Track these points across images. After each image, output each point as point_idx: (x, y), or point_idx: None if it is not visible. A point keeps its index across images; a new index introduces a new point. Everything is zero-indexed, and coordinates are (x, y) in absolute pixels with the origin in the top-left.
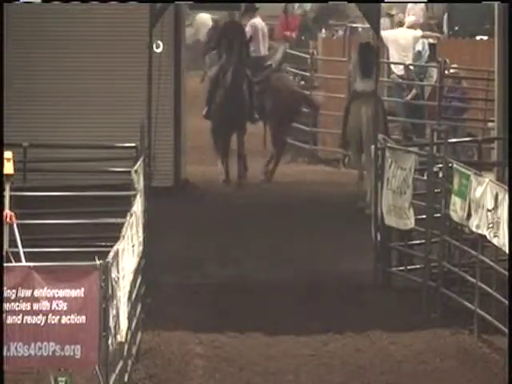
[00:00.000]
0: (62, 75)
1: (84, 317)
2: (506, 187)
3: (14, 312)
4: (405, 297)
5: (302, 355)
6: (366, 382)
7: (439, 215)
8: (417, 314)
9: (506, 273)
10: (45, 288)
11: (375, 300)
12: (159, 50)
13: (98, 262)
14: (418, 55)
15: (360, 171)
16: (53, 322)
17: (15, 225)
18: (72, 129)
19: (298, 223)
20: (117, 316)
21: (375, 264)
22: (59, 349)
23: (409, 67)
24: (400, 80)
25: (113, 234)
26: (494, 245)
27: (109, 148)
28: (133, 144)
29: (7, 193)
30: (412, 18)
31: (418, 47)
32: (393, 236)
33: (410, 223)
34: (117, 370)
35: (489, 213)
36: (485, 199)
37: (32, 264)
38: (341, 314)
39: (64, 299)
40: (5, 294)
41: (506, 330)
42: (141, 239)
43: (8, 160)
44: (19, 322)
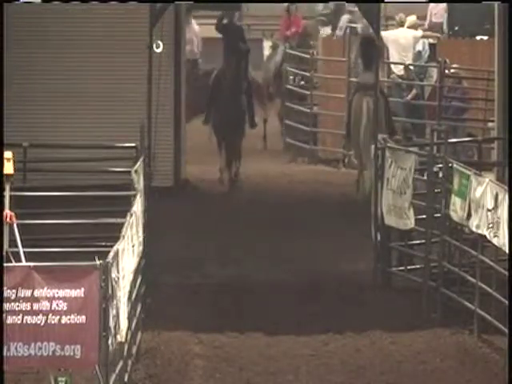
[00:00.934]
0: (62, 75)
1: (84, 317)
2: (506, 187)
3: (14, 312)
4: (405, 297)
5: (302, 355)
6: (366, 382)
7: (439, 215)
8: (417, 314)
9: (506, 273)
10: (45, 288)
11: (375, 300)
12: (159, 50)
13: (98, 262)
14: (418, 55)
15: (360, 164)
16: (53, 322)
17: (15, 225)
18: (72, 129)
19: (298, 223)
20: (117, 316)
21: (375, 264)
22: (59, 349)
23: (409, 67)
24: (400, 80)
25: (113, 234)
26: (494, 245)
27: (109, 148)
28: (133, 144)
29: (7, 193)
30: (413, 18)
31: (418, 47)
32: (393, 236)
33: (410, 223)
34: (117, 370)
35: (489, 213)
36: (485, 199)
37: (32, 264)
38: (341, 314)
39: (64, 299)
40: (5, 294)
41: (506, 330)
42: (141, 239)
43: (8, 160)
44: (19, 322)
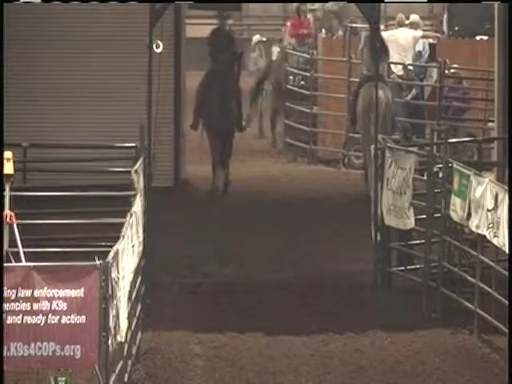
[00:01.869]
0: (62, 75)
1: (84, 317)
2: (506, 187)
3: (14, 312)
4: (405, 297)
5: (302, 355)
6: (366, 382)
7: (439, 215)
8: (417, 314)
9: (506, 273)
10: (45, 288)
11: (375, 300)
12: (159, 50)
13: (98, 262)
14: (418, 55)
15: (368, 155)
16: (53, 322)
17: (15, 225)
18: (72, 129)
19: (298, 223)
20: (117, 316)
21: (375, 264)
22: (59, 349)
23: (409, 67)
24: (400, 80)
25: (113, 234)
26: (494, 245)
27: (109, 148)
28: (133, 144)
29: (7, 193)
30: (416, 16)
31: (418, 47)
32: (393, 236)
33: (410, 223)
34: (117, 370)
35: (489, 213)
36: (485, 199)
37: (32, 264)
38: (341, 314)
39: (64, 299)
40: (5, 294)
41: (506, 330)
42: (141, 239)
43: (8, 160)
44: (19, 322)
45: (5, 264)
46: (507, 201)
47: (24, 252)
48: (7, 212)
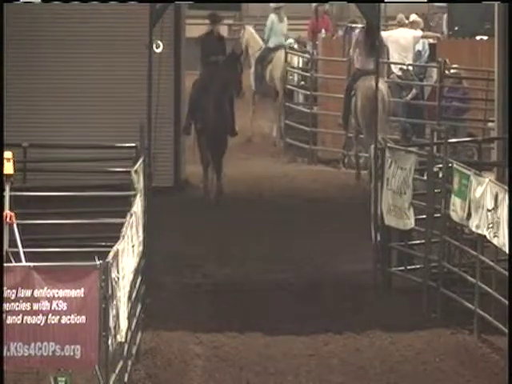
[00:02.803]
0: (62, 75)
1: (84, 317)
2: (506, 187)
3: (14, 312)
4: (405, 297)
5: (302, 355)
6: (366, 382)
7: (439, 215)
8: (417, 314)
9: (506, 273)
10: (45, 288)
11: (375, 300)
12: (159, 50)
13: (98, 262)
14: (418, 55)
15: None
16: (53, 322)
17: (15, 225)
18: (72, 129)
19: (298, 223)
20: (117, 316)
21: (375, 264)
22: (59, 349)
23: (408, 67)
24: (400, 80)
25: (113, 234)
26: (494, 245)
27: (109, 148)
28: (133, 144)
29: (7, 193)
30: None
31: (418, 47)
32: (393, 236)
33: (410, 223)
34: (117, 370)
35: (489, 213)
36: (485, 199)
37: (32, 264)
38: (341, 314)
39: (64, 299)
40: (5, 294)
41: (506, 330)
42: (141, 239)
43: (8, 160)
44: (19, 322)
45: (5, 264)
46: (507, 201)
47: (24, 252)
48: (7, 212)
